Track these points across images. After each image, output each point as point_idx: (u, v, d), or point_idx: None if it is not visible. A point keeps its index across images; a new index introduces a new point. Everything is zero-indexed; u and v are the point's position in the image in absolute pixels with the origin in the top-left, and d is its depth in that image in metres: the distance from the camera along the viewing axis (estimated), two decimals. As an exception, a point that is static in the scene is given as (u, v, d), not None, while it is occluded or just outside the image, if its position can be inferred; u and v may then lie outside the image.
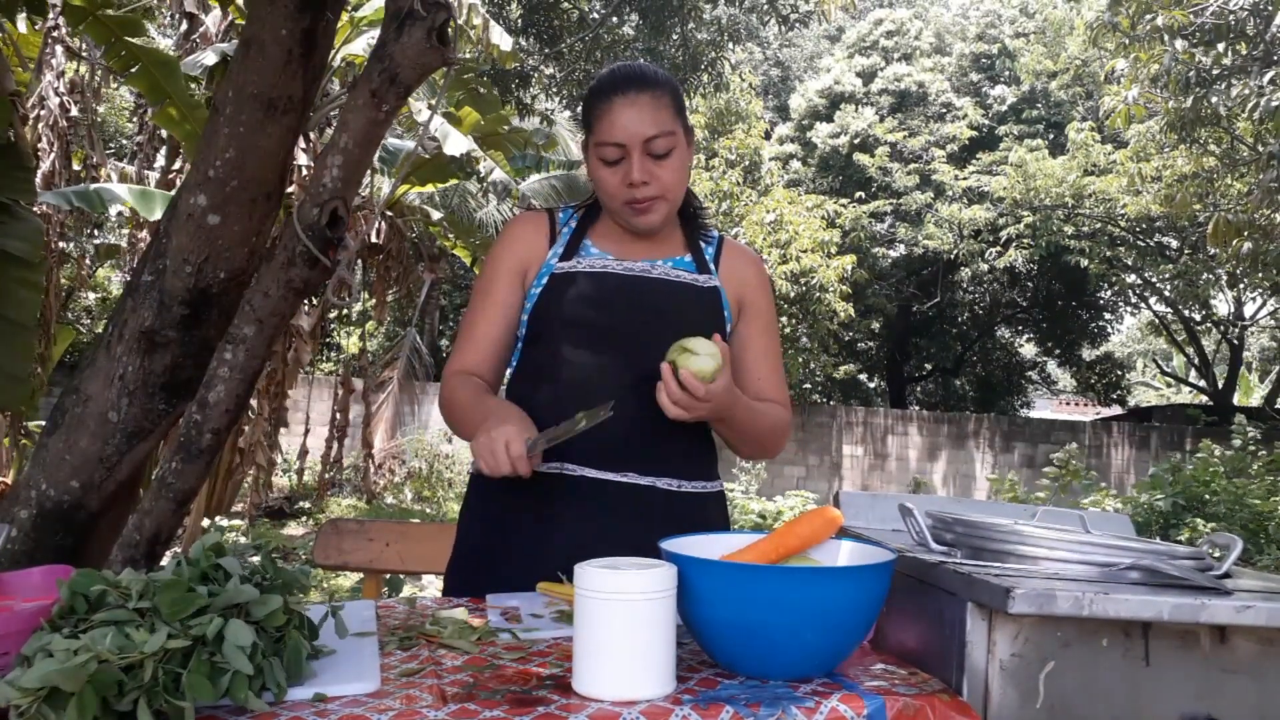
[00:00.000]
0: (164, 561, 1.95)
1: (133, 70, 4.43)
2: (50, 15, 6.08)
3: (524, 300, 1.66)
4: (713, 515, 1.66)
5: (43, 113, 6.56)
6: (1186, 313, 17.22)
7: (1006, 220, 15.14)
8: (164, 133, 7.34)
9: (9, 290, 3.08)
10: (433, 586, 5.68)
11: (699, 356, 1.40)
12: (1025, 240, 14.90)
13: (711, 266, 1.69)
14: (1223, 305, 18.19)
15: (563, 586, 1.43)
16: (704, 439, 1.66)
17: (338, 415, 9.66)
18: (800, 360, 13.31)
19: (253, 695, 0.91)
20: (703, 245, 1.72)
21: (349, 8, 6.53)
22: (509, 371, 1.72)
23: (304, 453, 10.35)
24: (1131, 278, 16.93)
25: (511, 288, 1.66)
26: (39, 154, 6.54)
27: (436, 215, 9.05)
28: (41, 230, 3.35)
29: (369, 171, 5.83)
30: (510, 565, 1.57)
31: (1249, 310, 17.90)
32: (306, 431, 10.61)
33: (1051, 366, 22.51)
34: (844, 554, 1.21)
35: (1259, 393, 21.05)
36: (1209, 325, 18.43)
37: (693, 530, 1.28)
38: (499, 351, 1.67)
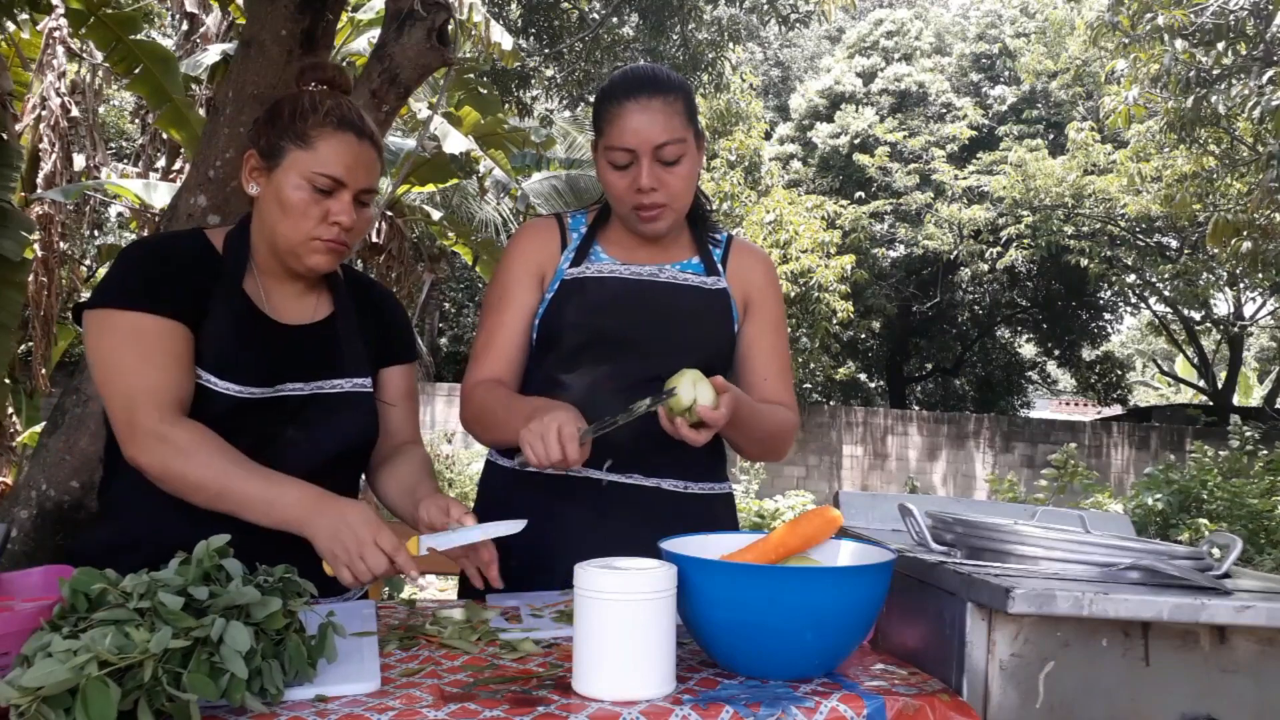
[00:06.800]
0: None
1: (135, 73, 4.41)
2: (52, 16, 6.07)
3: (539, 305, 1.64)
4: (720, 517, 1.65)
5: (43, 113, 6.55)
6: (1186, 313, 17.21)
7: (1006, 220, 15.13)
8: (165, 134, 7.33)
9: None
10: (433, 587, 5.68)
11: (691, 410, 1.38)
12: (1025, 240, 14.88)
13: (720, 268, 1.68)
14: (1223, 305, 18.19)
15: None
16: (711, 441, 1.65)
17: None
18: (800, 360, 13.30)
19: (251, 696, 0.91)
20: (711, 247, 1.71)
21: (349, 8, 6.52)
22: None
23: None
24: (1131, 278, 16.92)
25: (528, 291, 1.63)
26: (40, 154, 6.53)
27: (436, 215, 9.04)
28: (31, 228, 3.34)
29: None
30: (515, 565, 1.57)
31: (1249, 310, 17.89)
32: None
33: (1051, 366, 22.50)
34: (844, 554, 1.21)
35: (1259, 393, 21.04)
36: (1209, 325, 18.42)
37: (698, 531, 1.28)
38: (520, 357, 1.64)
